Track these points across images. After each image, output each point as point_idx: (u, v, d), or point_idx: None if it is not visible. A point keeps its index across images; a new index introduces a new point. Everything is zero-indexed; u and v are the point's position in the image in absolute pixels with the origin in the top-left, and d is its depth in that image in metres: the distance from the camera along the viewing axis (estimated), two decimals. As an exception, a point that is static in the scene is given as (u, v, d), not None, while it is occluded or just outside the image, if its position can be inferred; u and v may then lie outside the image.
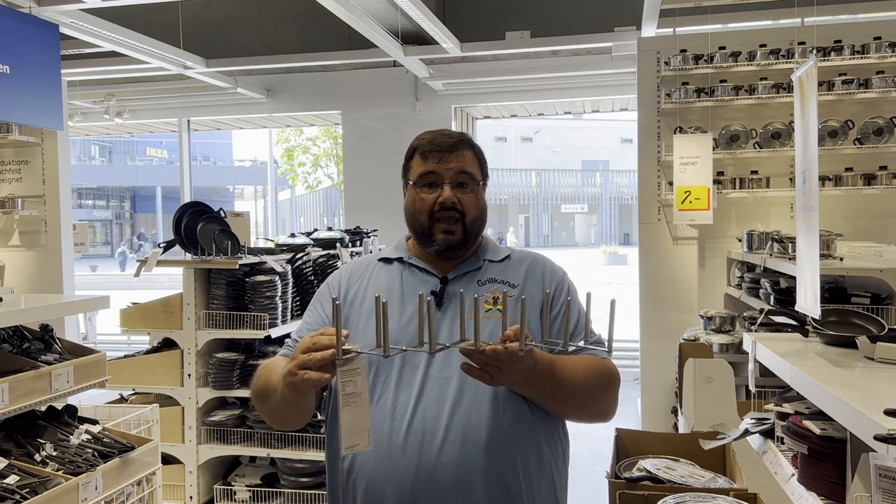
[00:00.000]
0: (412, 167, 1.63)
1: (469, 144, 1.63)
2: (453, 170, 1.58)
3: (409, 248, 1.69)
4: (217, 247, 3.77)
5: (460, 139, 1.62)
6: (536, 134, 38.21)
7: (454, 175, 1.58)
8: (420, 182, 1.60)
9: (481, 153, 1.67)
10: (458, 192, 1.58)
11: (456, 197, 1.58)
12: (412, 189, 1.62)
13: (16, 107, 4.81)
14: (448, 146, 1.59)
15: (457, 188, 1.58)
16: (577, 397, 1.50)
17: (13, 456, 2.50)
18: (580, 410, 1.55)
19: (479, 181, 1.63)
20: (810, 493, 1.77)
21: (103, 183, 35.80)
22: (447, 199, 1.57)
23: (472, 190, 1.60)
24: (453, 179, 1.58)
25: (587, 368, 1.50)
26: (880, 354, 1.79)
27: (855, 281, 3.40)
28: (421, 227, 1.60)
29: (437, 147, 1.59)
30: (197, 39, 7.14)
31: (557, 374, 1.45)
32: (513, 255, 1.68)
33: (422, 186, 1.60)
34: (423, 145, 1.61)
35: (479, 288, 1.59)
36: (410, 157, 1.64)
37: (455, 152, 1.59)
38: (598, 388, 1.52)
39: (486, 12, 7.11)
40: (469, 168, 1.60)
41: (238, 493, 3.91)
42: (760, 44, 5.14)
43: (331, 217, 25.82)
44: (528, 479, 1.50)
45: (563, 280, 1.66)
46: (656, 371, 5.52)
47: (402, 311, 1.57)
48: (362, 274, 1.67)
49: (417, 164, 1.62)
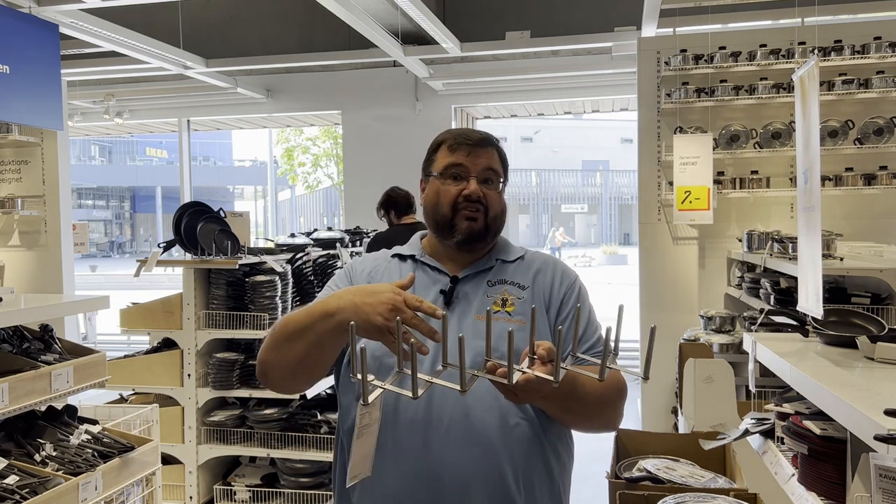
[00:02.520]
0: (436, 159, 1.62)
1: (495, 144, 1.63)
2: (481, 165, 1.58)
3: (423, 246, 1.68)
4: (217, 247, 3.77)
5: (487, 137, 1.63)
6: (536, 134, 38.19)
7: (481, 171, 1.58)
8: (445, 173, 1.59)
9: (504, 155, 1.67)
10: (484, 187, 1.58)
11: (481, 191, 1.57)
12: (435, 181, 1.60)
13: (16, 107, 4.81)
14: (476, 140, 1.60)
15: (482, 183, 1.58)
16: (591, 410, 1.49)
17: (13, 456, 2.50)
18: (589, 422, 1.54)
19: (503, 180, 1.63)
20: (810, 494, 1.77)
21: (103, 183, 35.80)
22: (473, 193, 1.56)
23: (496, 188, 1.60)
24: (480, 174, 1.58)
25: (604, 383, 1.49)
26: (880, 354, 1.78)
27: (855, 281, 3.40)
28: (443, 218, 1.59)
29: (466, 140, 1.59)
30: (197, 39, 7.14)
31: (578, 388, 1.43)
32: (526, 256, 1.67)
33: (447, 178, 1.59)
34: (451, 139, 1.61)
35: (488, 288, 1.58)
36: (435, 150, 1.64)
37: (483, 148, 1.59)
38: (610, 402, 1.51)
39: (486, 12, 7.11)
40: (495, 165, 1.60)
41: (238, 493, 3.91)
42: (761, 44, 5.14)
43: (331, 217, 25.81)
44: (530, 485, 1.48)
45: (574, 283, 1.63)
46: (656, 371, 5.51)
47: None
48: (386, 268, 1.65)
49: (443, 155, 1.61)
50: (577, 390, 1.43)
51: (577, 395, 1.43)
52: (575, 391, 1.42)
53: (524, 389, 1.25)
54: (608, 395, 1.49)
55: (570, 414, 1.48)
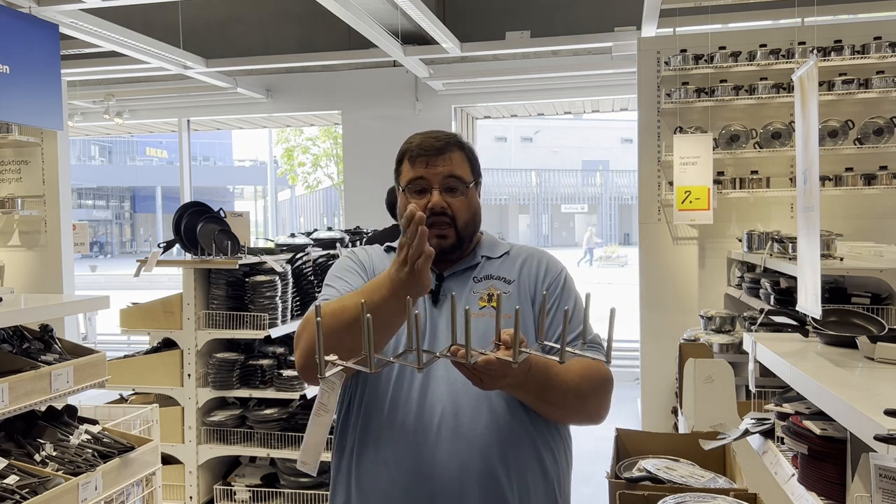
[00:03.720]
0: (402, 172, 1.61)
1: (458, 145, 1.61)
2: (441, 174, 1.56)
3: None
4: (217, 247, 3.77)
5: (448, 141, 1.59)
6: (536, 134, 38.17)
7: (442, 180, 1.56)
8: (410, 188, 1.58)
9: (472, 152, 1.64)
10: (448, 196, 1.56)
11: (445, 202, 1.56)
12: (403, 194, 1.61)
13: (16, 107, 4.80)
14: (435, 150, 1.57)
15: (446, 193, 1.56)
16: (569, 400, 1.49)
17: (13, 456, 2.50)
18: (572, 413, 1.53)
19: (470, 183, 1.60)
20: (810, 494, 1.77)
21: (103, 183, 35.79)
22: (436, 205, 1.55)
23: (462, 193, 1.58)
24: (442, 184, 1.56)
25: (582, 371, 1.48)
26: (880, 354, 1.78)
27: (855, 281, 3.40)
28: None
29: (424, 151, 1.57)
30: (197, 39, 7.14)
31: (552, 377, 1.43)
32: (511, 252, 1.67)
33: (412, 192, 1.58)
34: (412, 150, 1.59)
35: (474, 285, 1.59)
36: (400, 162, 1.62)
37: (443, 155, 1.57)
38: (592, 392, 1.51)
39: (486, 12, 7.11)
40: (458, 171, 1.58)
41: (238, 493, 3.91)
42: (760, 44, 5.14)
43: (331, 217, 25.80)
44: (523, 482, 1.48)
45: (560, 274, 1.63)
46: (656, 371, 5.52)
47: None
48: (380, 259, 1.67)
49: (406, 169, 1.60)
50: (551, 380, 1.43)
51: (553, 385, 1.44)
52: (550, 381, 1.43)
53: (487, 372, 1.25)
54: (588, 385, 1.49)
55: (547, 403, 1.48)
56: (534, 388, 1.42)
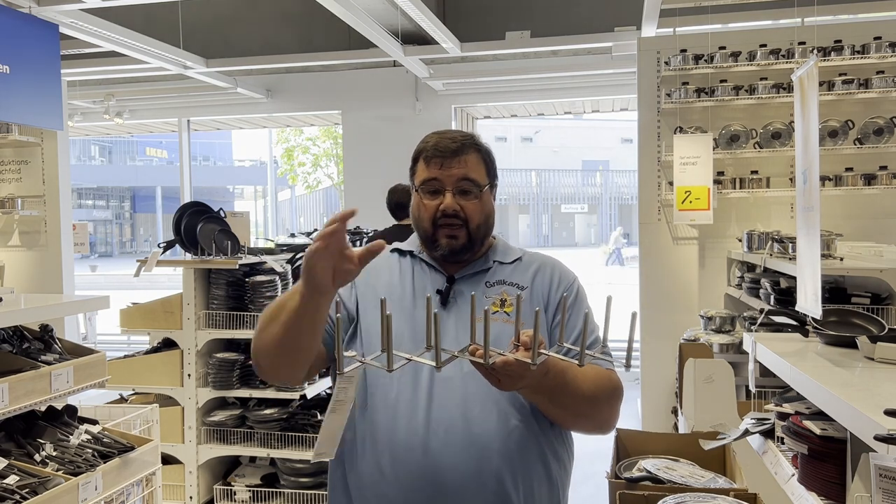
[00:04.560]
0: (417, 171, 1.60)
1: (475, 147, 1.59)
2: (455, 176, 1.55)
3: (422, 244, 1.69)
4: (217, 247, 3.77)
5: (464, 143, 1.57)
6: (536, 134, 38.17)
7: (456, 182, 1.55)
8: (423, 188, 1.58)
9: (488, 154, 1.62)
10: (461, 199, 1.55)
11: (458, 204, 1.54)
12: (416, 195, 1.60)
13: (16, 107, 4.80)
14: (451, 151, 1.55)
15: (459, 195, 1.55)
16: (582, 407, 1.48)
17: (13, 456, 2.50)
18: (584, 419, 1.53)
19: (484, 186, 1.58)
20: (810, 494, 1.77)
21: (103, 183, 35.77)
22: (448, 208, 1.54)
23: (475, 196, 1.56)
24: (455, 186, 1.55)
25: (595, 379, 1.48)
26: (880, 354, 1.78)
27: (855, 281, 3.40)
28: (424, 232, 1.59)
29: (439, 152, 1.55)
30: (197, 39, 7.14)
31: (569, 382, 1.42)
32: (524, 258, 1.66)
33: (425, 193, 1.57)
34: (427, 150, 1.58)
35: (486, 289, 1.57)
36: (416, 161, 1.61)
37: (458, 157, 1.55)
38: (604, 400, 1.50)
39: (486, 12, 7.11)
40: (472, 174, 1.56)
41: (238, 493, 3.91)
42: (760, 44, 5.14)
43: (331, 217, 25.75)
44: (529, 488, 1.48)
45: (573, 284, 1.62)
46: (656, 371, 5.52)
47: (413, 305, 1.56)
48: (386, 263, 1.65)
49: (421, 169, 1.59)
50: (567, 385, 1.43)
51: (568, 390, 1.43)
52: (566, 386, 1.43)
53: (505, 373, 1.25)
54: (601, 392, 1.49)
55: (562, 409, 1.48)
56: (549, 391, 1.41)
